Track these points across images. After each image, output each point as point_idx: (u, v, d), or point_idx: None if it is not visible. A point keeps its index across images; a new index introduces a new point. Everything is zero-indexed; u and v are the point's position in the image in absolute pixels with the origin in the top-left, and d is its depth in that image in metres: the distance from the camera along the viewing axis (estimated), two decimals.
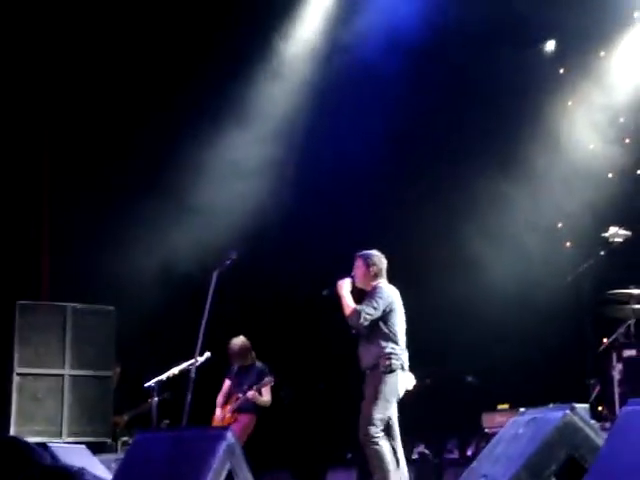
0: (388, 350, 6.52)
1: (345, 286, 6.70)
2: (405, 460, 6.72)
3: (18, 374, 7.96)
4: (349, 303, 6.63)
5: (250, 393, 8.43)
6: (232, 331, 8.91)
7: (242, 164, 10.41)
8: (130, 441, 7.89)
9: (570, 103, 9.96)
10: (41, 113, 10.47)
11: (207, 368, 8.12)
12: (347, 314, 6.58)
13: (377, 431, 6.46)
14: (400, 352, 6.60)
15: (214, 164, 10.42)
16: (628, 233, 8.23)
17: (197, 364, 7.39)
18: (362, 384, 6.65)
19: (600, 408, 8.26)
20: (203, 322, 6.88)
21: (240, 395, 8.53)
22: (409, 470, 9.97)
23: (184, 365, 7.88)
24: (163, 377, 8.04)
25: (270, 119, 10.60)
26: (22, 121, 10.28)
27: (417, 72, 10.14)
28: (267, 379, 8.47)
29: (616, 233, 8.21)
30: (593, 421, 6.60)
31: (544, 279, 9.47)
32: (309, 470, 7.28)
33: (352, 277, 6.78)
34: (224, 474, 5.10)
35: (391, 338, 6.57)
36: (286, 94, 10.59)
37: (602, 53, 9.80)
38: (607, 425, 6.92)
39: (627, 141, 9.72)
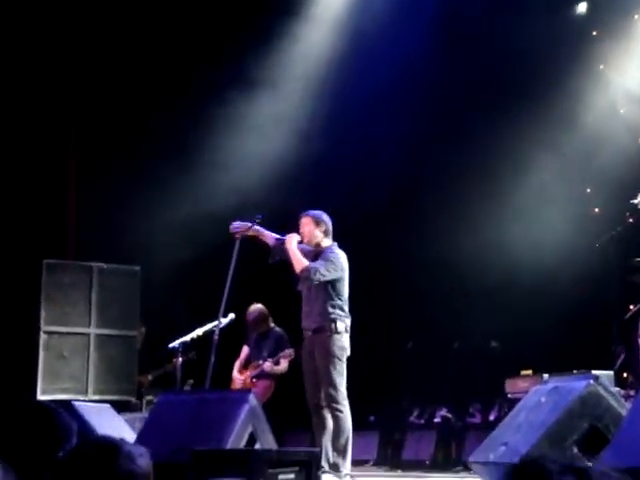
0: (334, 315, 6.57)
1: (293, 240, 6.72)
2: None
3: (44, 332, 8.04)
4: (300, 258, 6.65)
5: (267, 365, 8.47)
6: (256, 293, 8.93)
7: (268, 124, 10.40)
8: (154, 400, 7.97)
9: (602, 67, 9.79)
10: (68, 76, 10.48)
11: (231, 330, 8.16)
12: (298, 269, 6.62)
13: (343, 397, 6.50)
14: (345, 316, 6.64)
15: (240, 123, 10.41)
16: None
17: (221, 326, 7.41)
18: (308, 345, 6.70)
19: (625, 375, 8.22)
20: (227, 285, 6.90)
21: (260, 362, 8.59)
22: (431, 433, 10.11)
23: (208, 326, 7.91)
24: (187, 338, 8.08)
25: (295, 77, 10.57)
26: (49, 81, 10.30)
27: (449, 35, 10.04)
28: (287, 351, 8.47)
29: None
30: (617, 389, 6.58)
31: (571, 245, 9.39)
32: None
33: (299, 233, 6.79)
34: (246, 436, 5.16)
35: (337, 304, 6.61)
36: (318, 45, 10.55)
37: (636, 16, 9.61)
38: (632, 393, 6.88)
39: None
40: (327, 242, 6.78)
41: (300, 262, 6.65)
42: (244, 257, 7.15)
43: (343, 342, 6.60)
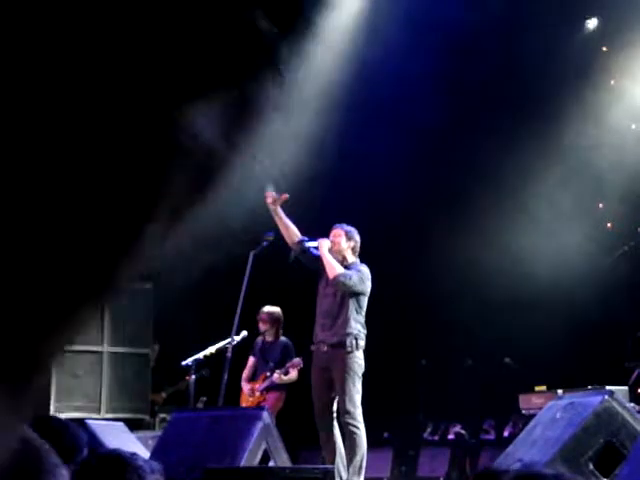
0: (355, 331, 6.55)
1: (326, 245, 6.69)
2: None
3: None
4: (335, 263, 6.61)
5: (275, 376, 8.40)
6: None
7: (279, 140, 10.40)
8: (168, 418, 7.96)
9: (612, 82, 9.81)
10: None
11: (244, 347, 8.16)
12: (333, 274, 6.56)
13: (358, 413, 6.46)
14: (364, 334, 6.64)
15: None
16: None
17: (234, 343, 7.42)
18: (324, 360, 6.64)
19: (639, 391, 8.18)
20: (240, 302, 6.91)
21: (267, 374, 8.53)
22: (445, 449, 10.07)
23: (221, 344, 7.92)
24: (200, 355, 8.09)
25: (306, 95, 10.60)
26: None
27: (458, 53, 10.06)
28: (296, 360, 8.40)
29: None
30: (632, 404, 6.56)
31: (584, 260, 9.37)
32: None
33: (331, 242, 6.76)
34: (260, 454, 5.15)
35: (360, 320, 6.61)
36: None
37: None
38: None
39: None
40: (352, 259, 6.77)
41: (335, 267, 6.59)
42: (258, 274, 7.17)
43: (361, 359, 6.59)
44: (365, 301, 6.68)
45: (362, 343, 6.61)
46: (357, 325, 6.60)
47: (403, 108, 10.20)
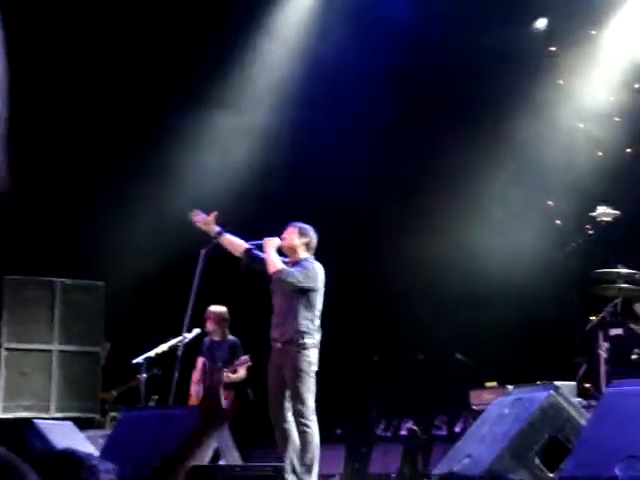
0: (304, 329, 6.51)
1: (272, 243, 6.66)
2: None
3: (6, 349, 7.94)
4: (276, 260, 6.59)
5: (225, 377, 8.37)
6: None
7: (233, 137, 10.43)
8: (118, 417, 7.90)
9: (561, 82, 9.93)
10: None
11: (196, 345, 8.12)
12: (272, 270, 6.54)
13: (311, 412, 6.45)
14: (315, 331, 6.59)
15: (206, 137, 10.43)
16: (616, 212, 8.23)
17: (185, 341, 7.39)
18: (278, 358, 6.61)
19: (587, 386, 8.31)
20: (191, 300, 6.88)
21: None
22: (398, 446, 10.13)
23: (173, 342, 7.87)
24: (152, 353, 8.03)
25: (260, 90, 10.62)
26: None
27: (407, 49, 10.14)
28: (243, 358, 8.37)
29: (605, 212, 8.22)
30: (578, 399, 6.65)
31: (534, 258, 9.48)
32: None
33: (281, 239, 6.72)
34: (211, 452, 5.13)
35: (309, 317, 6.55)
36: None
37: (593, 31, 9.76)
38: (593, 403, 6.95)
39: (617, 119, 9.71)
40: (305, 255, 6.71)
41: (274, 263, 6.56)
42: (210, 271, 7.14)
43: (312, 357, 6.54)
44: (316, 298, 6.60)
45: (311, 341, 6.54)
46: (306, 322, 6.54)
47: (355, 104, 10.24)
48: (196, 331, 8.10)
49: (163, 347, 8.02)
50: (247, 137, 10.51)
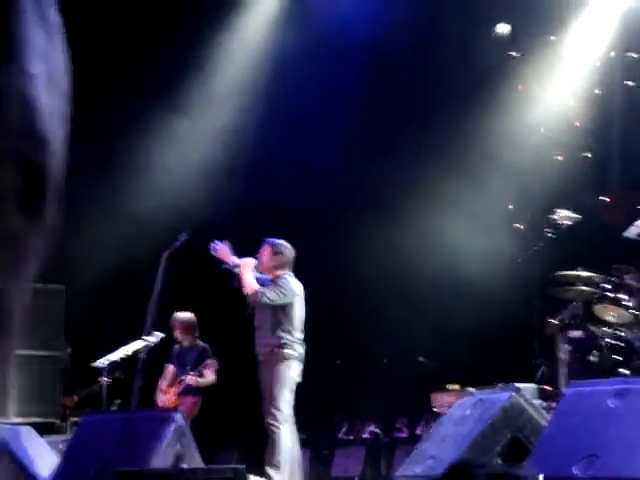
0: (283, 341, 6.72)
1: (248, 264, 6.85)
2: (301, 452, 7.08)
3: None
4: (250, 282, 6.79)
5: (189, 378, 8.33)
6: (189, 311, 8.87)
7: (197, 137, 10.41)
8: (80, 422, 7.83)
9: (521, 86, 10.03)
10: None
11: (160, 349, 8.08)
12: (247, 292, 6.77)
13: (282, 417, 6.67)
14: (295, 343, 6.78)
15: (170, 137, 10.40)
16: (577, 216, 8.34)
17: (148, 345, 7.35)
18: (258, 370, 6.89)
19: (547, 388, 8.39)
20: (153, 303, 6.86)
21: (183, 378, 8.44)
22: (360, 448, 10.15)
23: (135, 345, 7.82)
24: (114, 357, 7.97)
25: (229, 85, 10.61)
26: None
27: (368, 56, 10.21)
28: (209, 361, 8.36)
29: (565, 215, 8.32)
30: (539, 401, 6.73)
31: (495, 261, 9.56)
32: (257, 449, 7.33)
33: (257, 260, 6.96)
34: (172, 455, 5.11)
35: (287, 329, 6.75)
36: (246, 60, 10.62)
37: (553, 37, 9.87)
38: (553, 405, 7.03)
39: (577, 125, 9.82)
40: (280, 272, 6.92)
41: (249, 285, 6.77)
42: (172, 276, 7.12)
43: (291, 369, 6.74)
44: (292, 311, 6.79)
45: (291, 352, 6.75)
46: (285, 335, 6.74)
47: (318, 106, 10.27)
48: (159, 335, 8.04)
49: (126, 351, 7.95)
50: (209, 138, 10.49)
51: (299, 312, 6.85)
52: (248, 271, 6.86)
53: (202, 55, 10.47)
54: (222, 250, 7.11)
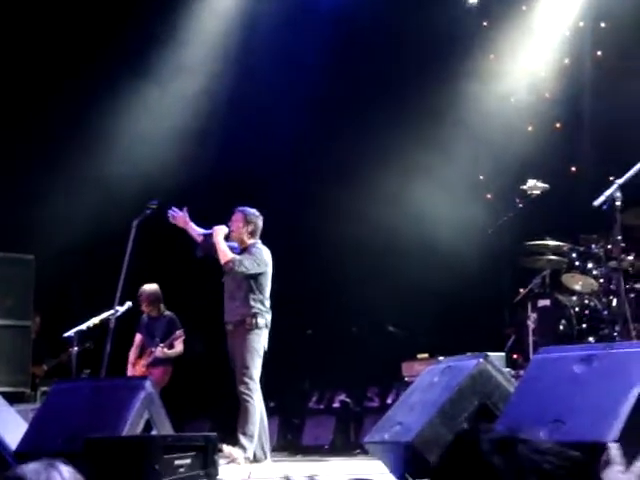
0: (255, 310, 6.79)
1: (221, 233, 6.88)
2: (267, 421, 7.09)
3: None
4: (226, 250, 6.83)
5: (159, 350, 8.40)
6: (153, 281, 8.85)
7: (170, 105, 10.34)
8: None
9: (492, 56, 10.03)
10: None
11: (128, 318, 8.06)
12: (223, 260, 6.81)
13: (254, 386, 6.78)
14: (265, 312, 6.85)
15: (142, 106, 10.32)
16: (546, 186, 8.39)
17: (117, 314, 7.33)
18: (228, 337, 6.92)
19: (515, 356, 8.47)
20: (122, 272, 6.84)
21: (152, 349, 8.50)
22: (330, 418, 10.21)
23: (104, 315, 7.80)
24: (83, 327, 7.95)
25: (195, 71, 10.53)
26: None
27: (337, 28, 10.18)
28: (178, 332, 8.46)
29: (534, 185, 8.36)
30: (507, 369, 6.79)
31: (466, 231, 9.60)
32: (228, 419, 7.37)
33: (228, 227, 6.96)
34: (142, 423, 5.11)
35: (259, 299, 6.84)
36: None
37: (524, 7, 9.87)
38: (522, 373, 7.10)
39: (547, 95, 9.85)
40: (251, 241, 6.96)
41: (225, 254, 6.79)
42: (142, 244, 7.09)
43: (262, 337, 6.83)
44: (264, 280, 6.88)
45: (262, 321, 6.85)
46: (256, 304, 6.82)
47: (289, 78, 10.23)
48: (128, 304, 8.05)
49: (95, 320, 7.95)
50: (179, 105, 10.42)
51: (269, 281, 6.92)
52: (222, 239, 6.85)
53: (173, 23, 10.36)
54: (180, 217, 7.13)
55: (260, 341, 6.82)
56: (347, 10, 10.08)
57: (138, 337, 8.70)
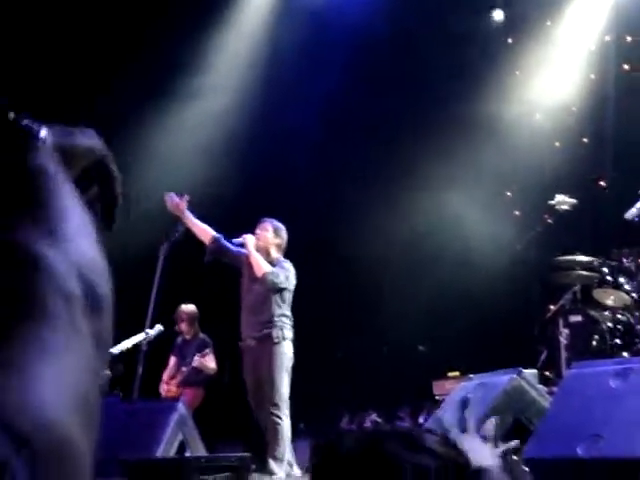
0: (281, 323, 6.64)
1: (252, 242, 6.72)
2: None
3: None
4: (263, 261, 6.67)
5: (195, 361, 8.41)
6: (185, 304, 8.88)
7: (195, 124, 10.41)
8: None
9: (518, 73, 10.03)
10: None
11: (159, 341, 8.08)
12: (260, 272, 6.62)
13: (285, 407, 6.58)
14: (291, 326, 6.74)
15: (169, 121, 10.40)
16: (574, 201, 8.34)
17: (148, 337, 7.35)
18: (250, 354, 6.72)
19: (548, 373, 8.39)
20: (153, 295, 6.83)
21: (184, 369, 8.52)
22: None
23: (135, 339, 7.82)
24: (115, 350, 7.97)
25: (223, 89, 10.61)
26: None
27: (362, 43, 10.20)
28: (207, 350, 8.49)
29: (562, 201, 8.32)
30: (541, 386, 6.73)
31: (494, 247, 9.56)
32: (261, 441, 7.33)
33: (255, 236, 6.80)
34: (176, 444, 5.13)
35: (284, 314, 6.70)
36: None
37: (549, 22, 9.88)
38: (555, 389, 7.03)
39: (574, 110, 9.83)
40: (276, 255, 6.81)
41: (262, 265, 6.63)
42: (173, 265, 7.09)
43: (289, 350, 6.67)
44: (289, 295, 6.76)
45: (289, 334, 6.69)
46: (282, 317, 6.68)
47: (314, 91, 10.28)
48: (159, 327, 8.07)
49: (127, 344, 7.96)
50: (202, 124, 10.50)
51: (291, 299, 6.82)
52: (254, 249, 6.70)
53: (199, 45, 10.45)
54: (176, 203, 6.86)
55: (288, 354, 6.64)
56: (369, 23, 10.10)
57: (172, 360, 8.74)
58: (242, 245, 6.77)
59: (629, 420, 3.77)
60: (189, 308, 8.70)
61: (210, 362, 8.52)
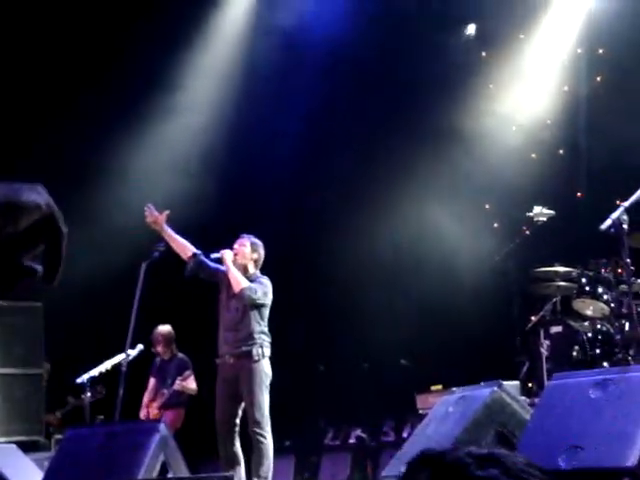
0: (260, 340, 6.64)
1: (229, 258, 6.72)
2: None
3: None
4: (241, 277, 6.67)
5: (177, 384, 8.35)
6: (164, 323, 8.83)
7: (174, 139, 10.40)
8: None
9: (491, 86, 10.09)
10: None
11: (140, 361, 8.04)
12: (238, 288, 6.62)
13: (267, 424, 6.56)
14: (269, 342, 6.74)
15: (150, 139, 10.38)
16: (551, 212, 8.40)
17: (129, 358, 7.31)
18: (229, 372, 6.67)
19: (530, 385, 8.42)
20: (133, 315, 6.80)
21: (165, 391, 8.47)
22: (347, 454, 10.14)
23: (116, 359, 7.79)
24: (95, 372, 7.94)
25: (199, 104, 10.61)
26: None
27: (338, 58, 10.24)
28: (187, 372, 8.43)
29: (540, 212, 8.37)
30: (523, 398, 6.75)
31: (473, 260, 9.59)
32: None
33: (234, 252, 6.80)
34: (158, 466, 5.09)
35: (263, 330, 6.71)
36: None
37: (522, 35, 9.95)
38: (537, 401, 7.05)
39: (549, 122, 9.89)
40: (253, 270, 6.82)
41: (240, 281, 6.63)
42: (152, 284, 7.06)
43: (268, 368, 6.67)
44: (267, 312, 6.76)
45: (267, 351, 6.69)
46: (261, 335, 6.67)
47: (294, 104, 10.30)
48: (140, 347, 8.04)
49: (107, 365, 7.93)
50: (184, 140, 10.48)
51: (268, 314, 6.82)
52: (231, 263, 6.69)
53: (176, 63, 10.44)
54: (156, 216, 6.82)
55: (267, 372, 6.64)
56: (343, 38, 10.13)
57: (152, 381, 8.68)
58: (220, 260, 6.76)
59: (608, 431, 3.79)
60: (165, 329, 8.65)
61: (191, 383, 8.47)
